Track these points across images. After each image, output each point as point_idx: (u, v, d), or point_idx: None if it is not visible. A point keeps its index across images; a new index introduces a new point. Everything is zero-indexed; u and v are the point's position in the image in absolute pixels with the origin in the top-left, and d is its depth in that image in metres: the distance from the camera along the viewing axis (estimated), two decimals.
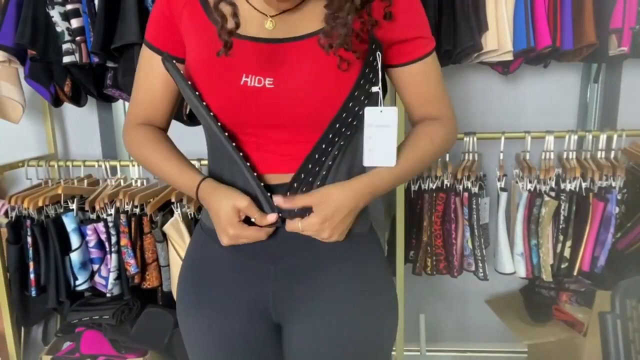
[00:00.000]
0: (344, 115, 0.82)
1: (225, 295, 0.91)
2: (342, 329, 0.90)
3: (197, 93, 0.83)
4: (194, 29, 0.86)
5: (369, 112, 0.84)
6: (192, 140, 1.29)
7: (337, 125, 0.82)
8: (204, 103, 0.83)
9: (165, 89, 0.93)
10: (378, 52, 0.82)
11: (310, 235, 0.85)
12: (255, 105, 0.82)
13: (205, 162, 1.76)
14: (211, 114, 0.84)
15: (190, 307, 0.95)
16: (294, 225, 0.84)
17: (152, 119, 0.96)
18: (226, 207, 0.83)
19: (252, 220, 0.85)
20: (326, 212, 0.82)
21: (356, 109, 0.83)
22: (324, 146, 0.83)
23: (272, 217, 0.84)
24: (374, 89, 0.84)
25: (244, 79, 0.81)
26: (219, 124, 0.84)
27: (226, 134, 0.85)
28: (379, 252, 0.98)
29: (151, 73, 0.92)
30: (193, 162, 1.87)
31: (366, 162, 0.86)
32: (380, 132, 0.84)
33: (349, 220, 0.86)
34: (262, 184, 0.84)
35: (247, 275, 0.91)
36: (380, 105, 0.84)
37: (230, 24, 0.78)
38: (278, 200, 0.84)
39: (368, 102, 0.84)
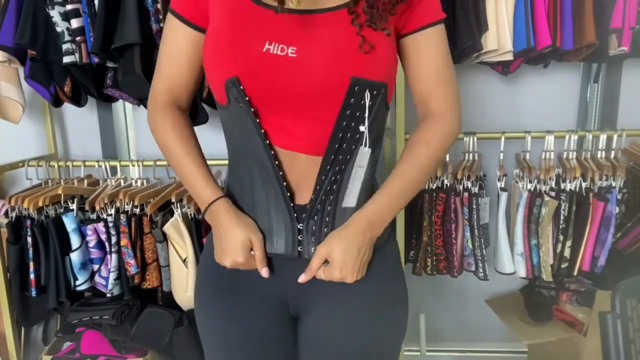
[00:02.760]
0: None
1: (248, 290, 0.93)
2: (358, 320, 0.93)
3: (255, 116, 0.84)
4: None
5: (360, 153, 0.87)
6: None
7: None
8: (262, 131, 0.84)
9: (191, 62, 0.92)
10: (367, 93, 0.83)
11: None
12: (275, 74, 0.81)
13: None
14: (266, 140, 0.85)
15: (211, 301, 0.96)
16: (320, 276, 0.88)
17: (177, 94, 0.95)
18: (242, 237, 0.87)
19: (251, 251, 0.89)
20: (338, 262, 0.86)
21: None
22: (348, 112, 0.84)
23: (265, 273, 0.90)
24: (361, 128, 0.85)
25: (266, 46, 0.81)
26: (271, 148, 0.85)
27: (275, 161, 0.86)
28: (395, 254, 1.01)
29: (177, 44, 0.91)
30: None
31: (344, 203, 0.89)
32: (357, 173, 0.89)
33: (365, 256, 0.88)
34: (292, 206, 0.88)
35: (273, 267, 0.92)
36: (365, 145, 0.87)
37: None
38: (301, 279, 0.88)
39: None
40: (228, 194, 0.94)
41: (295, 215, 0.88)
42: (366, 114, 0.84)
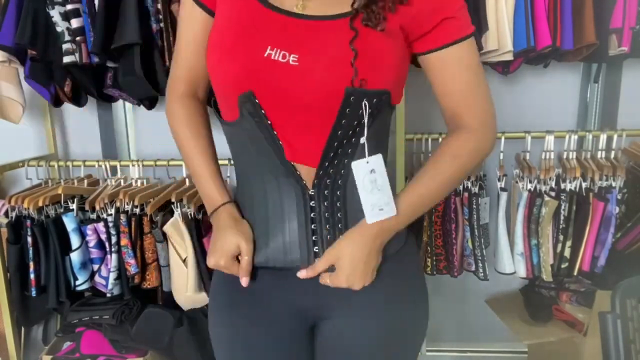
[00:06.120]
0: (347, 109, 0.80)
1: (265, 304, 0.92)
2: (378, 323, 0.92)
3: (269, 122, 0.82)
4: None
5: (356, 167, 0.83)
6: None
7: (347, 111, 0.80)
8: (280, 143, 0.83)
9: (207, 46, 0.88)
10: (364, 103, 0.79)
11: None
12: (276, 80, 0.79)
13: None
14: (283, 153, 0.83)
15: (226, 314, 0.96)
16: (324, 281, 0.87)
17: (195, 82, 0.94)
18: (231, 241, 0.87)
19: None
20: (345, 269, 0.84)
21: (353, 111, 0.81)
22: (339, 132, 0.82)
23: (244, 282, 0.89)
24: (362, 140, 0.82)
25: (268, 51, 0.78)
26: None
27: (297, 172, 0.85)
28: (415, 256, 1.00)
29: (194, 29, 0.89)
30: (179, 162, 1.85)
31: (369, 220, 0.84)
32: (373, 185, 0.83)
33: (373, 262, 0.86)
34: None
35: (289, 278, 0.90)
36: (365, 156, 0.83)
37: None
38: (301, 274, 0.87)
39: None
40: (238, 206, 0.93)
41: (314, 226, 0.87)
42: (365, 125, 0.81)
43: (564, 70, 1.98)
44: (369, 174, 0.83)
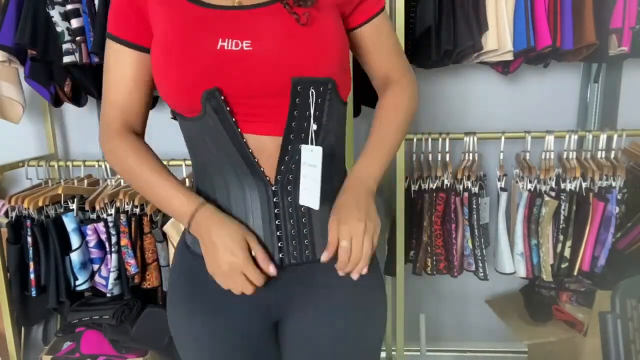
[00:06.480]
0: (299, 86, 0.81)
1: (227, 298, 0.89)
2: (339, 320, 0.93)
3: (234, 120, 0.82)
4: (162, 7, 0.84)
5: (304, 150, 0.84)
6: (176, 139, 1.22)
7: (297, 101, 0.81)
8: (244, 141, 0.83)
9: (139, 84, 0.88)
10: (311, 91, 0.81)
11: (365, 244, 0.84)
12: (235, 70, 0.79)
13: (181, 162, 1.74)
14: (248, 149, 0.83)
15: (185, 305, 0.94)
16: (345, 245, 0.83)
17: (130, 120, 0.90)
18: (236, 236, 0.82)
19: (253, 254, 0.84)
20: (352, 220, 0.82)
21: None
22: (293, 124, 0.82)
23: (273, 270, 0.84)
24: (311, 128, 0.83)
25: (220, 43, 0.79)
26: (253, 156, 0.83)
27: (261, 168, 0.84)
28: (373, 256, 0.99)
29: (123, 70, 0.88)
30: (178, 162, 1.81)
31: (301, 201, 0.85)
32: (310, 172, 0.84)
33: (371, 204, 0.86)
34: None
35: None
36: (312, 143, 0.84)
37: None
38: (323, 257, 0.84)
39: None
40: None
41: (277, 222, 0.86)
42: (311, 111, 0.82)
43: (564, 70, 1.98)
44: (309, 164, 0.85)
